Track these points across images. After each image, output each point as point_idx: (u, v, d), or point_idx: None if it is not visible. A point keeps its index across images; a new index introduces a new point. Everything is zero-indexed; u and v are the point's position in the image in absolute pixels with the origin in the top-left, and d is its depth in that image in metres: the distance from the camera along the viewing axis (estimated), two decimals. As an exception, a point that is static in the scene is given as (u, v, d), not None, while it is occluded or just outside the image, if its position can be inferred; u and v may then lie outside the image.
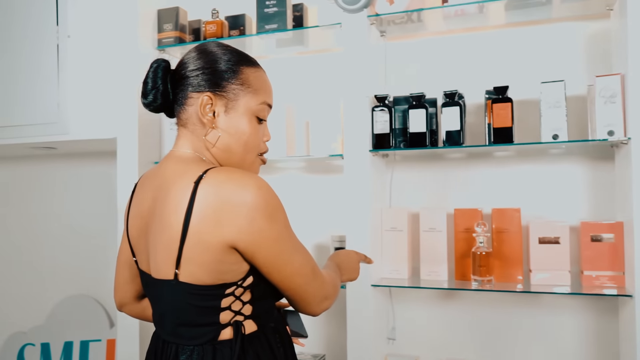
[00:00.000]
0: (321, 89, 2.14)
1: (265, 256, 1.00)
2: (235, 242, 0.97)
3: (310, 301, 1.09)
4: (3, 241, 2.87)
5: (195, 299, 1.01)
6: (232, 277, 1.00)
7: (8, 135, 2.23)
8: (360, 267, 1.78)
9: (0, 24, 2.26)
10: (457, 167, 1.98)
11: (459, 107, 1.77)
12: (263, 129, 1.14)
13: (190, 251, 0.98)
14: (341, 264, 1.33)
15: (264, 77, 1.14)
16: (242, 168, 1.11)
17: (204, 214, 0.96)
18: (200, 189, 0.96)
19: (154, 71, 1.09)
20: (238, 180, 0.97)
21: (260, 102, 1.11)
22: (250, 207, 0.96)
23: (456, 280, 1.84)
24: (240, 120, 1.08)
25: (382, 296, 1.94)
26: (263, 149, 1.15)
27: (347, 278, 1.36)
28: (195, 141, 1.09)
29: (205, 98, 1.06)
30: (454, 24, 1.92)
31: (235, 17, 2.09)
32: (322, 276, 1.11)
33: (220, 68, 1.08)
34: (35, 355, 2.71)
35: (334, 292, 1.16)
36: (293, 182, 2.22)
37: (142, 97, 1.11)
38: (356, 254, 1.42)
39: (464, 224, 1.84)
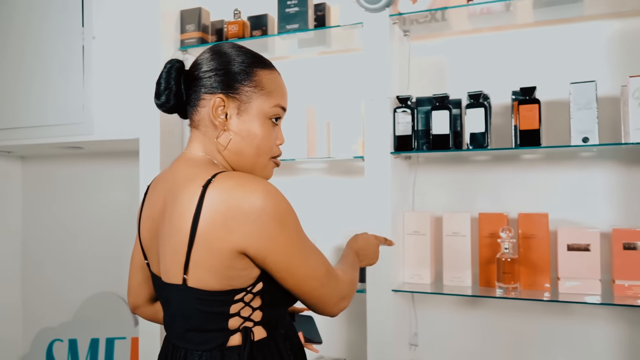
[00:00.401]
0: (343, 90, 2.11)
1: (277, 261, 0.98)
2: (245, 248, 0.95)
3: (327, 302, 1.07)
4: (34, 238, 2.93)
5: (203, 305, 0.99)
6: (241, 283, 0.99)
7: (36, 135, 2.28)
8: (381, 269, 1.77)
9: (28, 26, 2.30)
10: (483, 170, 1.92)
11: (484, 109, 1.71)
12: (277, 132, 1.12)
13: (198, 256, 0.96)
14: (360, 250, 1.32)
15: (278, 80, 1.11)
16: (254, 171, 1.10)
17: (212, 219, 0.94)
18: (208, 194, 0.95)
19: (167, 72, 1.08)
20: (246, 186, 0.95)
21: (274, 105, 1.08)
22: (259, 213, 0.94)
23: (480, 287, 1.79)
24: (252, 123, 1.06)
25: (403, 301, 1.90)
26: (276, 152, 1.13)
27: (366, 263, 1.34)
28: (207, 143, 1.08)
29: (217, 100, 1.05)
30: (479, 23, 1.86)
31: (258, 17, 2.08)
32: (337, 276, 1.09)
33: (234, 70, 1.06)
34: (63, 351, 2.77)
35: (351, 290, 1.14)
36: (314, 183, 2.20)
37: (155, 98, 1.10)
38: (375, 238, 1.39)
39: (489, 228, 1.78)
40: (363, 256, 1.33)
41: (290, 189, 2.23)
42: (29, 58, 2.29)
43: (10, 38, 2.33)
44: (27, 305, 2.94)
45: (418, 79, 1.99)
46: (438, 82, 1.97)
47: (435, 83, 1.97)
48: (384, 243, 1.42)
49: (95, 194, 2.75)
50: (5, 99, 2.34)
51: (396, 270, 1.83)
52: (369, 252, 1.35)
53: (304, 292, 1.03)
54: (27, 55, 2.29)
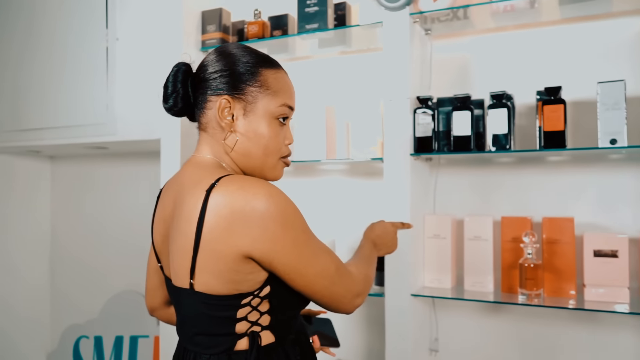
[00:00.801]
0: (363, 90, 2.09)
1: (284, 263, 0.96)
2: (250, 252, 0.94)
3: (340, 301, 1.05)
4: (62, 237, 2.99)
5: (210, 309, 0.99)
6: (247, 287, 0.98)
7: (63, 135, 2.32)
8: (400, 273, 1.74)
9: (54, 29, 2.35)
10: (506, 172, 1.87)
11: (507, 109, 1.66)
12: (285, 131, 1.10)
13: (204, 261, 0.96)
14: (377, 239, 1.30)
15: (284, 79, 1.10)
16: (264, 172, 1.09)
17: (216, 223, 0.93)
18: (211, 198, 0.94)
19: (174, 75, 1.08)
20: (249, 189, 0.94)
21: (280, 104, 1.07)
22: (262, 216, 0.93)
23: (502, 293, 1.74)
24: (259, 124, 1.05)
25: (423, 306, 1.86)
26: (285, 152, 1.11)
27: (385, 252, 1.33)
28: (215, 145, 1.08)
29: (223, 101, 1.04)
30: (503, 21, 1.81)
31: (278, 17, 2.07)
32: (350, 273, 1.07)
33: (239, 70, 1.05)
34: (89, 348, 2.82)
35: (366, 287, 1.12)
36: (334, 185, 2.17)
37: (163, 102, 1.10)
38: (392, 225, 1.37)
39: (512, 233, 1.73)
40: (381, 244, 1.31)
41: (310, 190, 2.21)
42: (55, 59, 2.33)
43: (38, 40, 2.38)
44: (55, 302, 3.00)
45: (440, 79, 1.94)
46: (460, 82, 1.92)
47: (458, 83, 1.92)
48: (401, 228, 1.40)
49: (120, 194, 2.79)
50: (34, 99, 2.39)
51: (416, 274, 1.79)
52: (387, 239, 1.33)
53: (315, 292, 1.02)
54: (53, 57, 2.33)
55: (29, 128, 2.40)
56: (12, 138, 2.45)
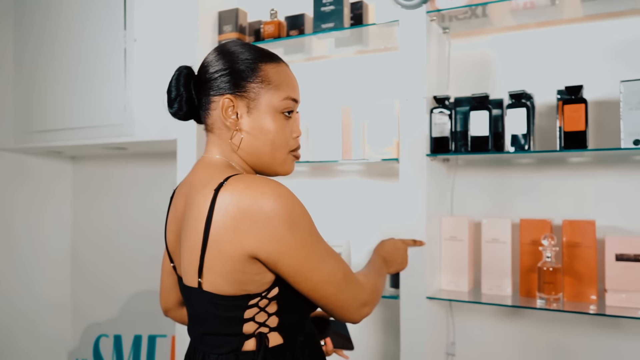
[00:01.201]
0: (380, 90, 2.06)
1: (290, 265, 0.95)
2: (255, 252, 0.93)
3: (346, 308, 1.03)
4: (83, 236, 3.03)
5: (217, 309, 0.99)
6: (255, 288, 0.97)
7: (82, 136, 2.34)
8: (415, 276, 1.71)
9: (72, 30, 2.37)
10: (526, 173, 1.82)
11: (526, 109, 1.62)
12: (291, 125, 1.09)
13: (211, 261, 0.96)
14: (387, 256, 1.28)
15: (285, 72, 1.08)
16: (274, 167, 1.08)
17: (223, 223, 0.93)
18: (219, 197, 0.94)
19: (176, 79, 1.08)
20: (256, 189, 0.93)
21: (283, 98, 1.06)
22: (269, 216, 0.92)
23: (521, 297, 1.70)
24: (264, 119, 1.05)
25: (439, 309, 1.83)
26: (293, 145, 1.10)
27: (395, 269, 1.31)
28: (222, 146, 1.07)
29: (226, 101, 1.04)
30: (523, 19, 1.77)
31: (295, 17, 2.06)
32: (358, 281, 1.05)
33: (239, 68, 1.05)
34: (108, 346, 2.85)
35: (374, 297, 1.09)
36: (349, 186, 2.16)
37: (168, 107, 1.10)
38: (402, 242, 1.36)
39: (531, 235, 1.69)
40: (391, 261, 1.29)
41: (325, 191, 2.20)
42: (75, 61, 2.36)
43: (57, 42, 2.41)
44: (77, 301, 3.04)
45: (458, 78, 1.91)
46: (479, 81, 1.89)
47: (476, 82, 1.89)
48: (412, 245, 1.38)
49: (140, 194, 2.81)
50: (53, 100, 2.42)
51: (432, 277, 1.76)
52: (397, 256, 1.31)
53: (320, 298, 1.00)
54: (73, 58, 2.36)
55: (49, 129, 2.43)
56: (32, 139, 2.49)
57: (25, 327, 2.80)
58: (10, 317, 2.73)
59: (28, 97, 2.52)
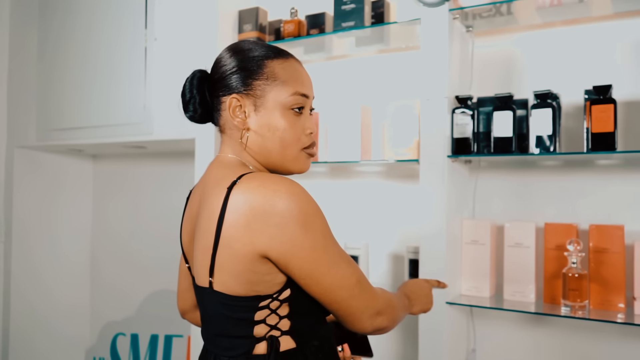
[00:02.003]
0: (401, 89, 2.02)
1: (301, 267, 0.92)
2: (266, 252, 0.91)
3: (358, 316, 0.99)
4: (102, 235, 3.04)
5: (228, 310, 0.97)
6: (266, 289, 0.94)
7: (102, 134, 2.35)
8: (435, 275, 1.66)
9: (94, 29, 2.38)
10: (551, 176, 1.77)
11: (552, 109, 1.57)
12: (303, 121, 1.06)
13: (222, 260, 0.94)
14: (411, 294, 1.21)
15: (294, 67, 1.06)
16: (286, 165, 1.05)
17: (235, 221, 0.91)
18: (232, 195, 0.92)
19: (189, 82, 1.07)
20: (269, 187, 0.91)
21: (291, 94, 1.03)
22: (282, 215, 0.89)
23: (545, 304, 1.64)
24: (271, 117, 1.02)
25: (459, 315, 1.78)
26: (305, 142, 1.06)
27: (419, 309, 1.24)
28: (235, 146, 1.06)
29: (233, 100, 1.02)
30: (549, 16, 1.71)
31: (315, 15, 2.03)
32: (372, 290, 1.01)
33: (245, 66, 1.03)
34: (125, 345, 2.85)
35: (391, 311, 1.04)
36: (369, 187, 2.12)
37: (183, 111, 1.09)
38: (426, 282, 1.29)
39: (556, 240, 1.63)
40: (415, 300, 1.22)
41: (344, 192, 2.17)
42: (97, 59, 2.37)
43: (81, 40, 2.43)
44: (95, 299, 3.05)
45: (481, 78, 1.86)
46: (503, 80, 1.84)
47: (500, 82, 1.84)
48: (436, 286, 1.32)
49: (158, 193, 2.81)
50: (75, 98, 2.44)
51: (452, 281, 1.71)
52: (421, 295, 1.24)
53: (331, 303, 0.97)
54: (95, 56, 2.37)
55: (69, 127, 2.44)
56: (53, 137, 2.51)
57: (44, 326, 2.82)
58: (28, 315, 2.75)
59: (50, 95, 2.53)
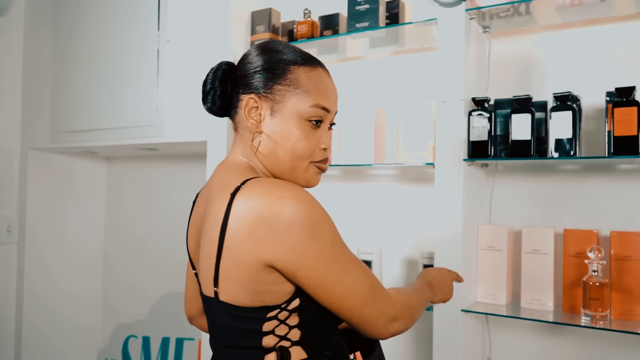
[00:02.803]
0: (416, 92, 1.99)
1: (310, 276, 0.89)
2: (272, 261, 0.87)
3: (373, 323, 0.96)
4: (115, 237, 3.04)
5: (235, 321, 0.93)
6: (273, 299, 0.91)
7: (115, 137, 2.34)
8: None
9: (107, 31, 2.38)
10: (571, 181, 1.71)
11: (572, 112, 1.52)
12: (319, 135, 1.02)
13: (226, 269, 0.90)
14: (433, 282, 1.19)
15: (320, 78, 1.02)
16: (294, 176, 1.02)
17: (239, 229, 0.88)
18: (235, 201, 0.89)
19: (213, 73, 1.04)
20: (274, 193, 0.87)
21: (311, 105, 0.99)
22: (287, 223, 0.86)
23: (563, 313, 1.59)
24: (286, 124, 0.99)
25: (475, 322, 1.74)
26: (318, 157, 1.03)
27: (440, 298, 1.22)
28: (245, 147, 1.03)
29: (250, 100, 0.99)
30: (569, 16, 1.66)
31: (329, 16, 2.00)
32: (387, 294, 0.98)
33: (270, 68, 1.00)
34: (137, 347, 2.84)
35: (406, 313, 1.01)
36: (383, 191, 2.08)
37: (202, 101, 1.06)
38: (448, 272, 1.27)
39: (576, 247, 1.58)
40: (437, 288, 1.20)
41: (358, 196, 2.13)
42: (110, 61, 2.36)
43: (94, 42, 2.42)
44: (107, 300, 3.05)
45: (499, 80, 1.82)
46: (521, 82, 1.79)
47: (519, 84, 1.79)
48: (456, 279, 1.30)
49: (170, 196, 2.80)
50: (87, 100, 2.43)
51: (468, 288, 1.67)
52: (443, 284, 1.23)
53: (344, 311, 0.93)
54: (108, 58, 2.37)
55: (83, 129, 2.44)
56: (67, 139, 2.51)
57: (57, 326, 2.82)
58: (42, 316, 2.75)
59: (63, 97, 2.53)
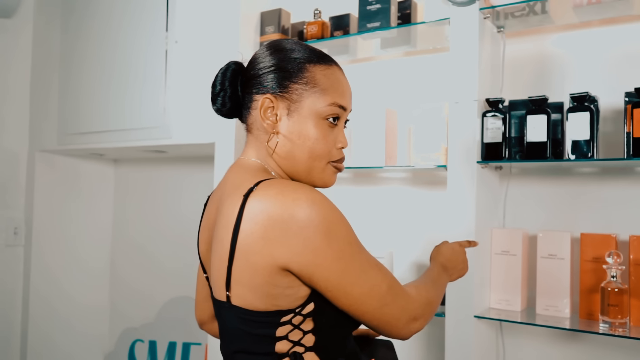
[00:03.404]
0: (428, 93, 1.95)
1: (327, 279, 0.86)
2: (287, 264, 0.84)
3: (394, 324, 0.93)
4: (122, 240, 3.02)
5: (247, 325, 0.90)
6: (287, 304, 0.88)
7: (121, 139, 2.32)
8: (463, 292, 1.58)
9: (116, 32, 2.36)
10: (588, 183, 1.67)
11: (589, 113, 1.48)
12: (336, 134, 1.00)
13: (239, 273, 0.88)
14: (446, 263, 1.15)
15: (335, 76, 1.00)
16: (311, 177, 0.99)
17: (251, 231, 0.85)
18: (248, 203, 0.86)
19: (222, 73, 1.02)
20: (289, 194, 0.85)
21: (329, 104, 0.97)
22: (302, 225, 0.83)
23: (580, 319, 1.54)
24: (304, 124, 0.96)
25: (488, 329, 1.69)
26: (335, 156, 1.01)
27: (457, 276, 1.18)
28: (260, 148, 1.00)
29: (266, 100, 0.97)
30: (587, 15, 1.62)
31: (340, 17, 1.97)
32: (406, 293, 0.94)
33: (286, 67, 0.97)
34: (143, 351, 2.81)
35: (427, 311, 0.98)
36: (393, 194, 2.04)
37: (211, 103, 1.03)
38: (459, 245, 1.22)
39: (593, 252, 1.54)
40: (452, 268, 1.16)
41: (368, 199, 2.10)
42: (118, 62, 2.34)
43: (102, 44, 2.41)
44: (114, 304, 3.02)
45: (513, 80, 1.78)
46: (537, 83, 1.75)
47: (534, 84, 1.75)
48: (467, 246, 1.25)
49: (178, 198, 2.77)
50: (96, 102, 2.41)
51: (481, 293, 1.63)
52: (458, 261, 1.18)
53: (363, 314, 0.90)
54: (116, 60, 2.35)
55: (89, 131, 2.42)
56: (74, 141, 2.49)
57: (63, 329, 2.80)
58: (48, 318, 2.73)
59: (71, 98, 2.52)
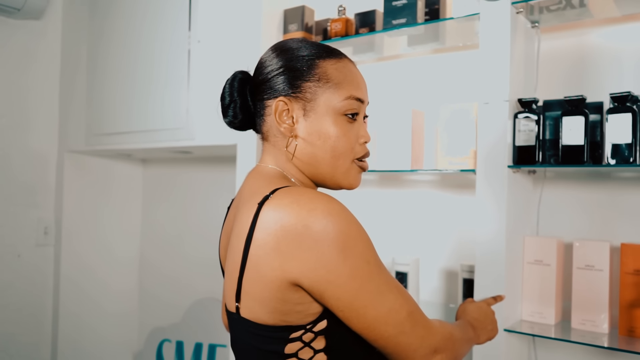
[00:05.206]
0: (457, 92, 1.86)
1: (338, 298, 0.80)
2: (298, 279, 0.79)
3: (411, 355, 0.85)
4: (150, 240, 3.03)
5: (256, 340, 0.86)
6: (297, 320, 0.82)
7: (147, 139, 2.31)
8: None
9: (140, 32, 2.34)
10: (629, 190, 1.56)
11: (632, 114, 1.37)
12: (357, 128, 0.95)
13: (249, 284, 0.83)
14: (475, 323, 1.06)
15: (348, 68, 0.95)
16: (336, 179, 0.95)
17: (264, 242, 0.80)
18: (262, 212, 0.81)
19: (229, 84, 0.97)
20: (304, 204, 0.79)
21: (345, 98, 0.92)
22: (317, 237, 0.77)
23: (620, 336, 1.44)
24: (322, 122, 0.91)
25: (519, 343, 1.60)
26: (359, 152, 0.96)
27: (486, 338, 1.09)
28: (278, 155, 0.95)
29: (280, 104, 0.91)
30: (629, 8, 1.50)
31: (365, 13, 1.90)
32: (428, 323, 0.87)
33: (295, 66, 0.92)
34: (170, 352, 2.81)
35: (451, 346, 0.90)
36: (420, 198, 1.96)
37: (222, 116, 0.99)
38: (486, 304, 1.13)
39: (635, 263, 1.43)
40: (481, 329, 1.07)
41: (394, 203, 2.02)
42: (143, 63, 2.33)
43: (127, 45, 2.40)
44: (143, 303, 3.04)
45: (548, 79, 1.67)
46: (574, 81, 1.64)
47: (571, 83, 1.64)
48: (493, 303, 1.17)
49: (204, 199, 2.76)
50: (122, 102, 2.41)
51: (512, 305, 1.54)
52: (486, 322, 1.09)
53: (377, 339, 0.83)
54: (141, 60, 2.33)
55: (116, 132, 2.42)
56: (102, 141, 2.49)
57: (92, 329, 2.82)
58: (77, 318, 2.75)
59: (98, 99, 2.52)
